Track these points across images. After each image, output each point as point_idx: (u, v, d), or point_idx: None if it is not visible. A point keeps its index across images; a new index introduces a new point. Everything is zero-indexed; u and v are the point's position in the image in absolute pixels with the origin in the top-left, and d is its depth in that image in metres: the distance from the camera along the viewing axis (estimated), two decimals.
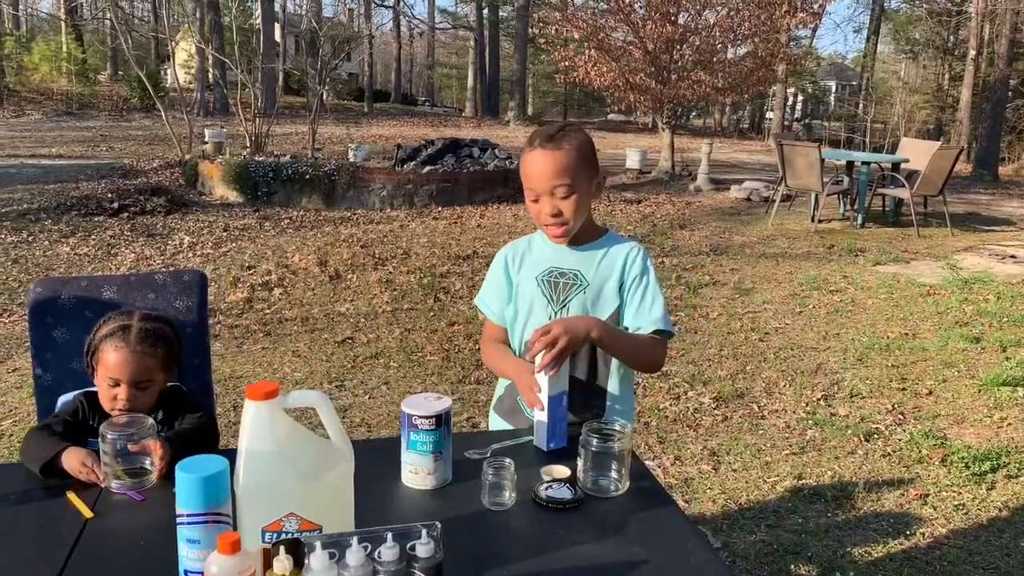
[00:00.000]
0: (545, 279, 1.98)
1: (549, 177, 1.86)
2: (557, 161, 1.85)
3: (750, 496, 3.33)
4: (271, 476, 1.21)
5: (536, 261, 2.01)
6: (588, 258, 1.98)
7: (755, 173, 14.74)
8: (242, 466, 1.21)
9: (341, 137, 18.60)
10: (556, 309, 1.96)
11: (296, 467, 1.23)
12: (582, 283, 1.95)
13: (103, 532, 1.44)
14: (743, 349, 5.25)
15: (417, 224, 9.41)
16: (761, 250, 8.31)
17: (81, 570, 1.32)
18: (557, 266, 1.98)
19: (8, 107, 23.65)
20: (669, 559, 1.41)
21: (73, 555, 1.36)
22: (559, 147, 1.86)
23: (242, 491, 1.21)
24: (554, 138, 1.87)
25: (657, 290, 1.96)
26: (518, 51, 31.67)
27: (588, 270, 1.96)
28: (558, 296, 1.97)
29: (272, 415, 1.23)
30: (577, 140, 1.89)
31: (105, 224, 8.63)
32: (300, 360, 4.93)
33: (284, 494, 1.22)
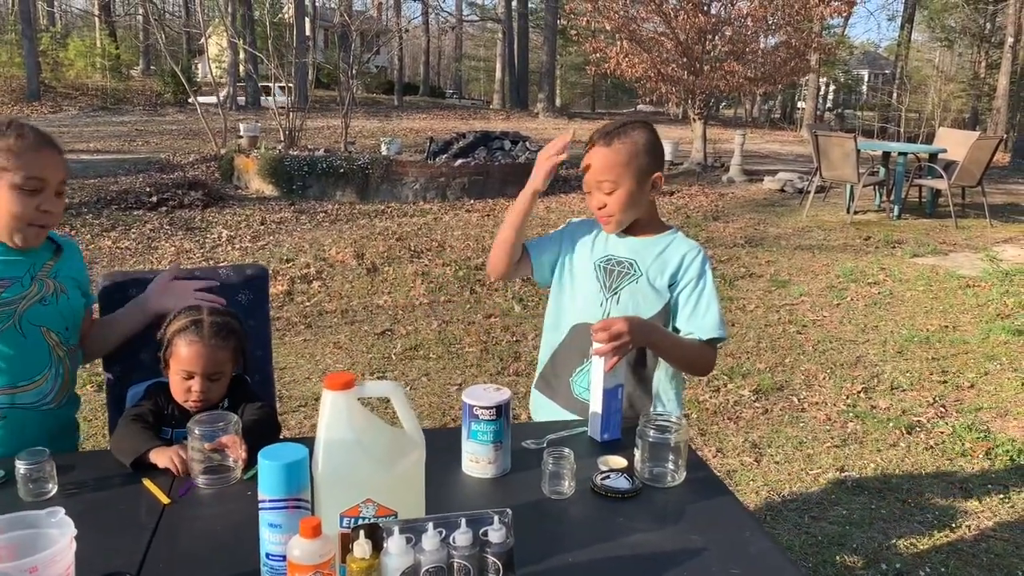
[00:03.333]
0: (602, 265, 2.04)
1: (596, 172, 1.95)
2: (606, 158, 1.93)
3: (793, 488, 3.35)
4: (349, 463, 1.26)
5: (598, 245, 2.07)
6: (646, 250, 2.03)
7: (788, 164, 14.62)
8: (321, 453, 1.26)
9: (372, 130, 18.71)
10: (607, 296, 2.02)
11: (372, 455, 1.27)
12: (635, 273, 2.00)
13: (181, 517, 1.50)
14: (781, 341, 5.24)
15: (450, 217, 9.47)
16: (797, 242, 8.26)
17: (164, 553, 1.38)
18: (615, 254, 2.04)
19: (45, 103, 24.04)
20: (728, 547, 1.44)
21: (155, 539, 1.42)
22: (610, 144, 1.93)
23: (321, 478, 1.26)
24: (609, 135, 1.94)
25: (713, 295, 1.99)
26: (547, 42, 31.60)
27: (643, 262, 2.01)
28: (611, 283, 2.02)
29: (349, 405, 1.27)
30: (632, 138, 1.94)
31: (144, 218, 8.78)
32: (341, 352, 5.00)
33: (361, 481, 1.26)
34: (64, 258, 1.90)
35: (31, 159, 1.73)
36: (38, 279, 1.81)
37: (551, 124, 26.26)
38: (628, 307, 2.00)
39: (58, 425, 1.90)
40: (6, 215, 1.74)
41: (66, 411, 1.92)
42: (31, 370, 1.80)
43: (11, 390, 1.79)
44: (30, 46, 24.60)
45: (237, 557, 1.35)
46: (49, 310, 1.81)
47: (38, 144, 1.76)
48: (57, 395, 1.86)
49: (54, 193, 1.78)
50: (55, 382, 1.84)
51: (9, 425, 1.80)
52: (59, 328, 1.84)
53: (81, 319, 1.93)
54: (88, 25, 40.67)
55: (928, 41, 36.83)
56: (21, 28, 25.68)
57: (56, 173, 1.78)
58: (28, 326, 1.78)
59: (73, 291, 1.89)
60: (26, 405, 1.81)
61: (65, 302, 1.85)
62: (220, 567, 1.34)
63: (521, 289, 6.32)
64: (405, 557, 1.19)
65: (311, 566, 1.15)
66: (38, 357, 1.81)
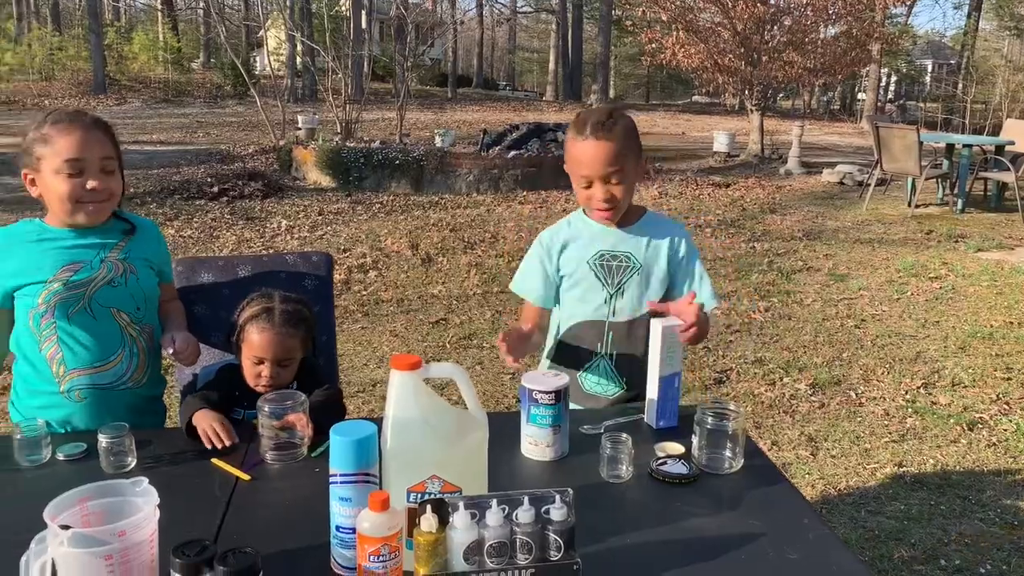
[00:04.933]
0: (598, 262, 2.04)
1: (603, 164, 1.93)
2: (610, 149, 1.92)
3: (849, 482, 3.31)
4: (416, 440, 1.30)
5: (584, 244, 2.07)
6: (637, 240, 2.05)
7: (848, 156, 14.33)
8: (389, 431, 1.30)
9: (427, 122, 18.85)
10: (612, 292, 2.04)
11: (438, 432, 1.32)
12: (635, 265, 2.03)
13: (253, 491, 1.56)
14: (839, 336, 5.17)
15: (503, 208, 9.51)
16: (856, 235, 8.11)
17: (237, 524, 1.44)
18: (608, 249, 2.05)
19: (111, 95, 24.71)
20: (785, 533, 1.45)
21: (229, 510, 1.48)
22: (611, 134, 1.93)
23: (390, 454, 1.31)
24: (605, 126, 1.93)
25: (703, 268, 2.08)
26: (601, 33, 31.43)
27: (638, 252, 2.04)
28: (613, 279, 2.04)
29: (415, 385, 1.32)
30: (625, 126, 1.97)
31: (206, 208, 9.00)
32: (397, 340, 5.08)
33: (428, 458, 1.31)
34: (136, 239, 1.95)
35: (67, 142, 1.78)
36: (107, 261, 1.87)
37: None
38: (633, 299, 2.04)
39: (140, 405, 1.95)
40: (56, 199, 1.81)
41: (147, 391, 1.97)
42: (105, 351, 1.86)
43: (89, 371, 1.85)
44: (97, 40, 25.30)
45: (306, 529, 1.41)
46: (119, 291, 1.86)
47: (72, 127, 1.79)
48: (134, 374, 1.91)
49: (99, 170, 1.82)
50: (130, 362, 1.89)
51: (90, 406, 1.87)
52: (130, 309, 1.88)
53: (156, 298, 1.97)
54: (151, 19, 41.68)
55: (996, 30, 35.70)
56: (88, 23, 26.43)
57: (95, 150, 1.81)
58: (98, 308, 1.83)
59: (144, 271, 1.93)
60: (104, 386, 1.87)
61: (135, 283, 1.89)
62: (291, 538, 1.40)
63: None
64: (470, 532, 1.23)
65: (379, 539, 1.20)
66: (110, 338, 1.86)
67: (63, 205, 1.81)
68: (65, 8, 38.75)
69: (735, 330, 5.25)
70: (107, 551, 1.13)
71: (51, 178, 1.79)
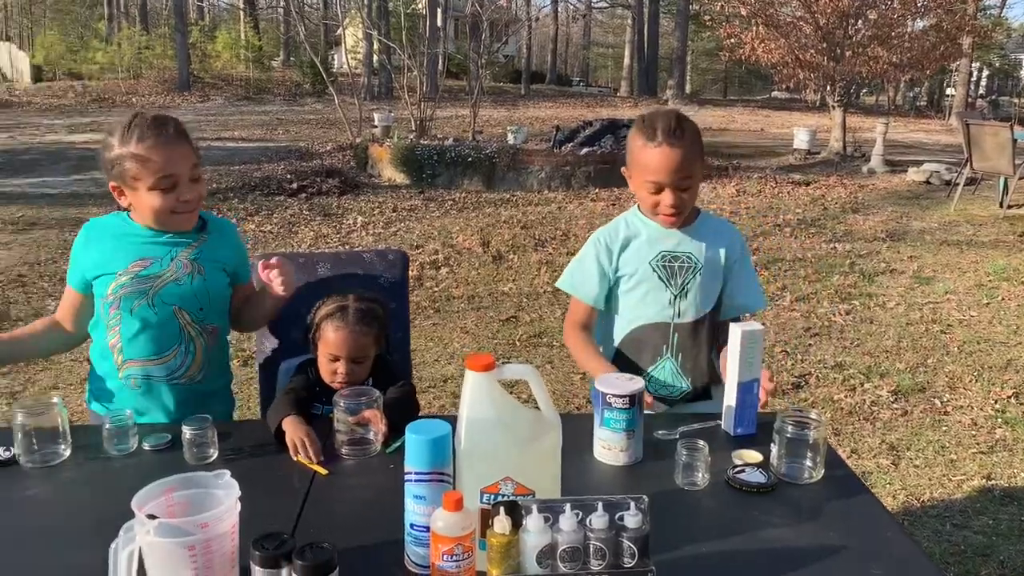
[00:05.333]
0: (659, 264, 2.02)
1: (676, 171, 1.92)
2: (682, 155, 1.92)
3: (933, 494, 3.20)
4: (490, 441, 1.30)
5: (644, 244, 2.04)
6: (697, 240, 2.04)
7: (935, 154, 13.83)
8: (464, 431, 1.30)
9: (499, 119, 18.91)
10: (675, 293, 2.03)
11: (512, 434, 1.31)
12: (696, 265, 2.02)
13: (329, 485, 1.59)
14: (923, 341, 4.99)
15: (575, 206, 9.47)
16: (943, 237, 7.82)
17: (314, 518, 1.47)
18: (668, 250, 2.03)
19: (194, 92, 25.52)
20: (867, 547, 1.40)
21: (306, 504, 1.51)
22: (682, 140, 1.92)
23: (464, 454, 1.31)
24: (676, 132, 1.92)
25: (754, 271, 2.13)
26: (678, 28, 31.02)
27: (699, 252, 2.03)
28: (676, 280, 2.02)
29: (490, 385, 1.32)
30: (692, 130, 1.97)
31: (285, 203, 9.21)
32: (468, 336, 5.11)
33: (501, 459, 1.30)
34: (211, 240, 1.98)
35: (158, 160, 1.81)
36: (177, 260, 1.91)
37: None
38: (696, 299, 2.03)
39: (196, 400, 1.96)
40: (149, 211, 1.86)
41: (206, 386, 2.00)
42: (161, 346, 1.91)
43: (143, 362, 1.92)
44: (182, 39, 26.16)
45: (381, 525, 1.42)
46: (183, 290, 1.90)
47: (159, 143, 1.81)
48: (189, 370, 1.95)
49: (188, 180, 1.86)
50: (184, 359, 1.93)
51: (144, 395, 1.94)
52: (192, 308, 1.91)
53: (224, 299, 2.00)
54: (233, 18, 42.86)
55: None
56: (175, 22, 27.34)
57: (184, 163, 1.84)
58: (161, 304, 1.89)
59: (214, 273, 1.95)
60: (158, 378, 1.93)
61: (201, 283, 1.92)
62: (366, 533, 1.41)
63: None
64: (543, 536, 1.22)
65: (453, 538, 1.20)
66: (168, 334, 1.91)
67: (157, 217, 1.87)
68: (152, 8, 40.18)
69: (814, 333, 5.12)
70: (190, 541, 1.16)
71: (145, 194, 1.84)
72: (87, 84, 26.40)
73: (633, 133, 2.00)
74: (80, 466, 1.66)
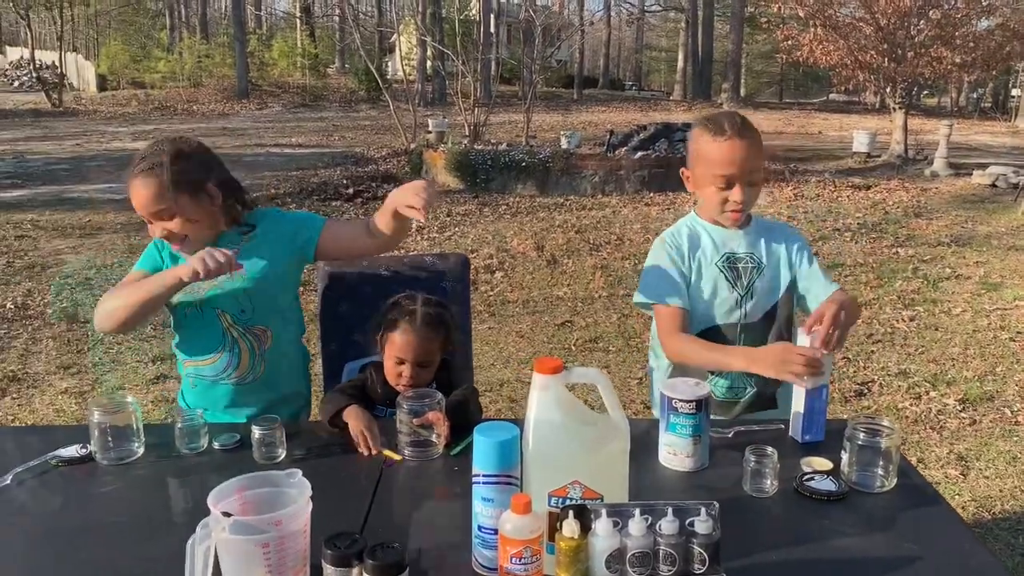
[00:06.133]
0: (725, 265, 2.01)
1: (746, 164, 1.92)
2: (750, 149, 1.92)
3: (1005, 506, 3.10)
4: (558, 444, 1.29)
5: (707, 247, 2.03)
6: (756, 240, 2.04)
7: (1000, 157, 13.43)
8: (532, 434, 1.30)
9: (552, 124, 18.92)
10: (741, 293, 2.01)
11: (580, 438, 1.31)
12: (760, 265, 2.02)
13: (395, 486, 1.60)
14: (991, 349, 4.84)
15: (629, 210, 9.43)
16: (1010, 242, 7.58)
17: (382, 518, 1.48)
18: (732, 251, 2.02)
19: (253, 100, 26.04)
20: (943, 559, 1.37)
21: (373, 504, 1.52)
22: (752, 136, 1.93)
23: (531, 457, 1.30)
24: (743, 126, 1.93)
25: (820, 265, 2.07)
26: (733, 31, 30.69)
27: (760, 252, 2.03)
28: (742, 281, 2.01)
29: (557, 388, 1.31)
30: (756, 129, 1.98)
31: (342, 208, 9.34)
32: (524, 341, 5.11)
33: (569, 462, 1.30)
34: (255, 240, 1.99)
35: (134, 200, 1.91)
36: None
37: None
38: (761, 300, 2.01)
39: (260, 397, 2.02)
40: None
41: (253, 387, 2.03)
42: (207, 347, 1.98)
43: (195, 362, 2.01)
44: (241, 48, 26.72)
45: (447, 526, 1.43)
46: (223, 293, 1.95)
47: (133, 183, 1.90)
48: (237, 371, 2.00)
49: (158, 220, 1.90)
50: (230, 360, 1.99)
51: (200, 393, 2.03)
52: (234, 311, 1.96)
53: (273, 300, 2.00)
54: (290, 27, 43.66)
55: None
56: (233, 31, 27.94)
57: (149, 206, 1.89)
58: (208, 308, 1.96)
59: (260, 275, 1.96)
60: (207, 377, 2.01)
61: (240, 286, 1.95)
62: (432, 534, 1.42)
63: None
64: (612, 540, 1.22)
65: (522, 541, 1.20)
66: (212, 335, 1.97)
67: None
68: (212, 18, 41.13)
69: (877, 340, 5.00)
70: (264, 539, 1.18)
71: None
72: (150, 93, 27.15)
73: (696, 133, 1.99)
74: (153, 464, 1.70)
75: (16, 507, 1.53)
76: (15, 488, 1.59)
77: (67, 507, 1.55)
